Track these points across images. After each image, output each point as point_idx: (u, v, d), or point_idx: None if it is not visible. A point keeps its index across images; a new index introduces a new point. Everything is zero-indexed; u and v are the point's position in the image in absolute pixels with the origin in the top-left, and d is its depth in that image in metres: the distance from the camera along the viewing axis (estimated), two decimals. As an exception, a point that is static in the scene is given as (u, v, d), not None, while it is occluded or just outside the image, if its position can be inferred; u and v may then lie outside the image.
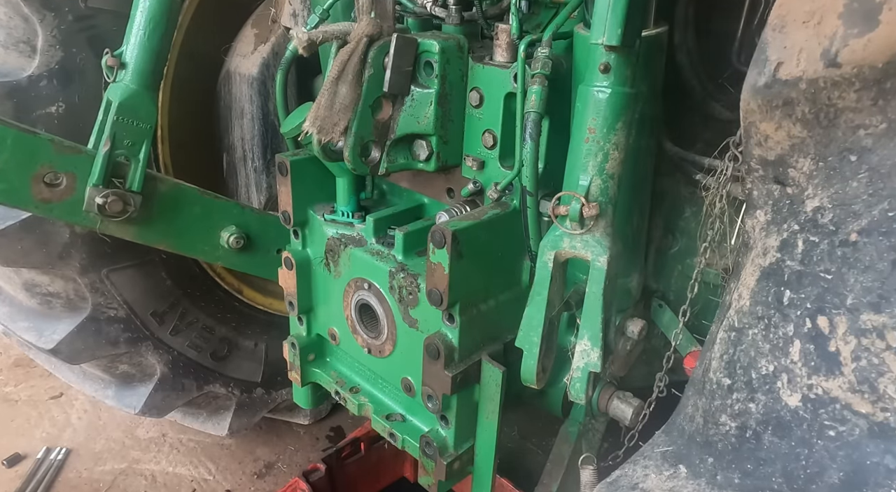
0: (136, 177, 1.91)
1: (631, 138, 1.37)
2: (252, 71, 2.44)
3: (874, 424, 0.97)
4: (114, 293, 2.35)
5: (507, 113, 1.55)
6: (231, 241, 2.11)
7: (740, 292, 1.17)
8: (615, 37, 1.25)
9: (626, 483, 1.20)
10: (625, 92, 1.32)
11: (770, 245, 1.12)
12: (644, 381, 1.88)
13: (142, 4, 1.80)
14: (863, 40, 0.98)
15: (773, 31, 1.10)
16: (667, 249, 1.85)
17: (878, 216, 0.98)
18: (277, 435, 3.17)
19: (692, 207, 1.76)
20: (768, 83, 1.08)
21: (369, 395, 1.91)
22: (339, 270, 1.82)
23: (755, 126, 1.12)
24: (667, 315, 1.86)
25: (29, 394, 3.40)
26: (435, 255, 1.46)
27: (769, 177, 1.14)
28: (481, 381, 1.62)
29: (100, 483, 2.90)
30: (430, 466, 1.69)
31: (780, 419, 1.06)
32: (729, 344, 1.17)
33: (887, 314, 0.96)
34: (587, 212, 1.34)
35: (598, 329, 1.40)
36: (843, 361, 1.00)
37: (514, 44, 1.51)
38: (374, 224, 1.77)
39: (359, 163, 1.59)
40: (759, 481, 1.07)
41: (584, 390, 1.45)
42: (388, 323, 1.74)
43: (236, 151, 2.60)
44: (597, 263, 1.37)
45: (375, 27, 1.50)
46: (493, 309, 1.64)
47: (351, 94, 1.51)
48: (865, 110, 0.99)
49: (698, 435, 1.19)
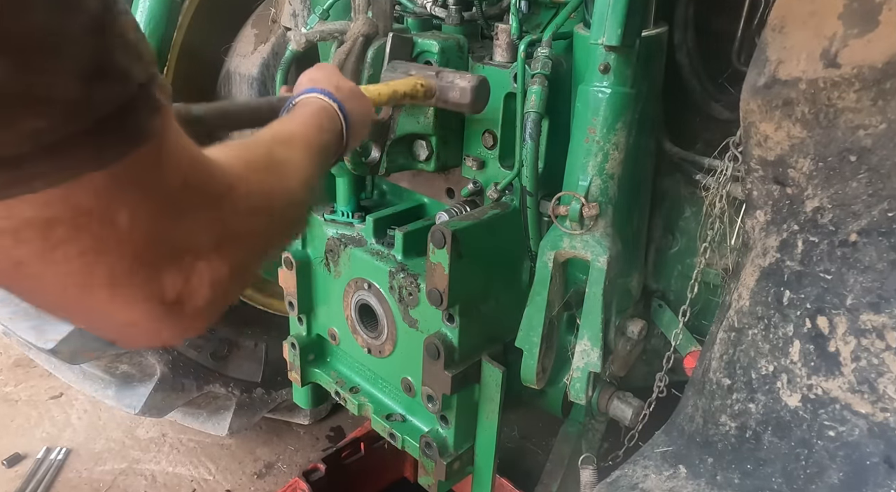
0: (137, 177, 1.90)
1: (631, 138, 1.37)
2: (252, 71, 2.43)
3: (874, 424, 0.97)
4: (114, 293, 2.35)
5: (507, 113, 1.55)
6: (231, 241, 2.11)
7: (740, 292, 1.17)
8: (615, 37, 1.25)
9: (626, 483, 1.20)
10: (625, 92, 1.32)
11: (770, 245, 1.12)
12: (644, 381, 1.88)
13: (142, 4, 1.80)
14: (863, 40, 0.98)
15: (773, 32, 1.10)
16: (667, 249, 1.85)
17: (878, 216, 0.98)
18: (277, 435, 3.17)
19: (692, 207, 1.76)
20: (768, 83, 1.09)
21: (369, 395, 1.91)
22: (339, 270, 1.82)
23: (755, 126, 1.12)
24: (667, 315, 1.86)
25: (29, 394, 3.40)
26: (435, 255, 1.46)
27: (769, 177, 1.14)
28: (481, 381, 1.62)
29: (100, 483, 2.90)
30: (430, 466, 1.69)
31: (780, 419, 1.06)
32: (729, 344, 1.17)
33: (887, 314, 0.96)
34: (587, 212, 1.34)
35: (598, 329, 1.40)
36: (842, 361, 1.00)
37: (513, 44, 1.51)
38: (374, 224, 1.76)
39: (359, 163, 1.59)
40: (758, 482, 1.07)
41: (584, 390, 1.45)
42: (388, 323, 1.74)
43: (236, 151, 2.59)
44: (597, 264, 1.37)
45: (372, 26, 1.50)
46: (493, 309, 1.64)
47: (350, 94, 1.51)
48: (865, 110, 0.99)
49: (698, 435, 1.19)
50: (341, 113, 1.07)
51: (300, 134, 0.94)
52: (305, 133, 0.95)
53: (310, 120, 1.01)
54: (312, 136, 0.96)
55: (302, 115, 1.03)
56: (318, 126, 1.00)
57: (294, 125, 0.98)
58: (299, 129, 0.96)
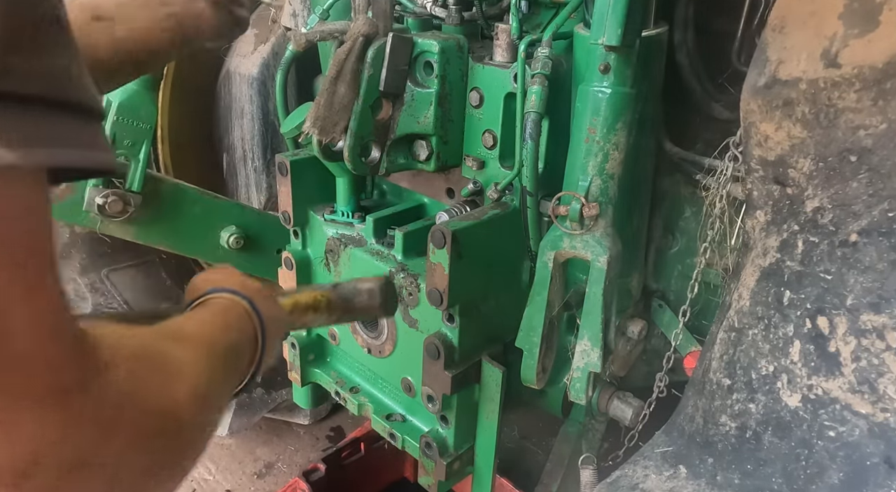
0: (136, 177, 1.90)
1: (631, 138, 1.37)
2: (252, 71, 2.43)
3: (874, 424, 0.97)
4: (114, 293, 2.35)
5: (507, 113, 1.55)
6: (231, 241, 2.11)
7: (740, 293, 1.17)
8: (615, 37, 1.24)
9: (626, 483, 1.20)
10: (625, 92, 1.32)
11: (770, 245, 1.12)
12: (644, 381, 1.88)
13: (141, 5, 1.80)
14: (863, 40, 0.98)
15: (773, 32, 1.10)
16: (667, 249, 1.85)
17: (878, 217, 0.98)
18: (277, 435, 3.17)
19: (692, 207, 1.76)
20: (768, 83, 1.09)
21: (369, 395, 1.91)
22: (339, 270, 1.82)
23: (755, 126, 1.12)
24: (667, 315, 1.86)
25: (29, 394, 3.40)
26: (435, 255, 1.45)
27: (769, 177, 1.14)
28: (481, 381, 1.62)
29: (100, 483, 2.90)
30: (430, 466, 1.69)
31: (780, 420, 1.06)
32: (729, 344, 1.17)
33: (887, 315, 0.96)
34: (587, 212, 1.34)
35: (598, 329, 1.40)
36: (842, 361, 1.00)
37: (514, 44, 1.51)
38: (374, 224, 1.76)
39: (359, 163, 1.59)
40: (759, 482, 1.07)
41: (584, 390, 1.45)
42: (388, 323, 1.74)
43: (236, 151, 2.59)
44: (597, 264, 1.37)
45: (371, 26, 1.50)
46: (493, 309, 1.64)
47: (350, 93, 1.51)
48: (865, 111, 0.99)
49: (698, 435, 1.19)
50: (255, 311, 0.89)
51: (197, 333, 0.76)
52: (208, 332, 0.78)
53: (213, 318, 0.84)
54: (217, 336, 0.79)
55: (202, 314, 0.86)
56: (224, 325, 0.84)
57: (192, 323, 0.81)
58: (197, 327, 0.79)
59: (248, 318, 0.88)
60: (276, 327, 0.97)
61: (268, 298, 0.97)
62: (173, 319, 0.79)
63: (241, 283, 0.93)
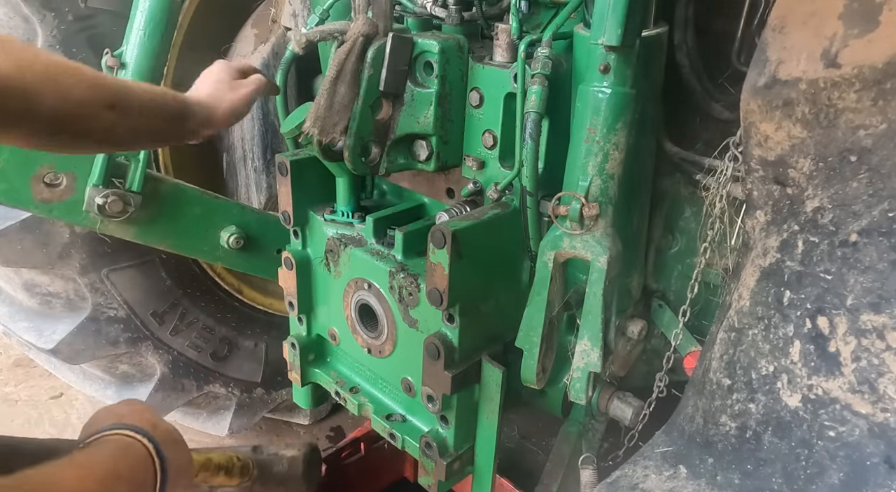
0: (136, 177, 1.91)
1: (631, 138, 1.37)
2: (252, 71, 2.43)
3: (874, 424, 0.97)
4: (114, 293, 2.35)
5: (507, 113, 1.55)
6: (231, 241, 2.11)
7: (740, 293, 1.17)
8: (615, 37, 1.25)
9: (626, 483, 1.20)
10: (625, 92, 1.32)
11: (770, 245, 1.12)
12: (644, 381, 1.88)
13: (142, 4, 1.80)
14: (863, 40, 0.98)
15: (773, 32, 1.10)
16: (667, 249, 1.85)
17: (878, 217, 0.98)
18: (277, 435, 3.17)
19: (692, 207, 1.76)
20: (768, 83, 1.09)
21: (369, 395, 1.91)
22: (339, 270, 1.82)
23: (755, 126, 1.12)
24: (667, 315, 1.86)
25: (29, 394, 3.40)
26: (435, 255, 1.46)
27: (769, 177, 1.14)
28: (481, 381, 1.62)
29: (100, 483, 2.90)
30: (430, 466, 1.69)
31: (780, 420, 1.06)
32: (729, 344, 1.17)
33: (887, 315, 0.96)
34: (587, 212, 1.34)
35: (598, 329, 1.40)
36: (843, 361, 1.00)
37: (514, 44, 1.51)
38: (374, 224, 1.76)
39: (359, 163, 1.59)
40: (759, 482, 1.07)
41: (584, 390, 1.45)
42: (388, 323, 1.74)
43: (236, 151, 2.59)
44: (597, 264, 1.37)
45: (371, 26, 1.50)
46: (493, 309, 1.64)
47: (350, 93, 1.51)
48: (865, 111, 0.99)
49: (698, 435, 1.19)
50: (157, 456, 0.77)
51: (71, 487, 0.65)
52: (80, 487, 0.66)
53: (97, 466, 0.72)
54: (92, 489, 0.67)
55: (88, 458, 0.73)
56: (111, 475, 0.71)
57: (67, 472, 0.68)
58: (71, 481, 0.66)
59: (149, 464, 0.77)
60: (183, 480, 0.85)
61: (178, 443, 0.86)
62: (41, 468, 0.66)
63: (150, 422, 0.82)
